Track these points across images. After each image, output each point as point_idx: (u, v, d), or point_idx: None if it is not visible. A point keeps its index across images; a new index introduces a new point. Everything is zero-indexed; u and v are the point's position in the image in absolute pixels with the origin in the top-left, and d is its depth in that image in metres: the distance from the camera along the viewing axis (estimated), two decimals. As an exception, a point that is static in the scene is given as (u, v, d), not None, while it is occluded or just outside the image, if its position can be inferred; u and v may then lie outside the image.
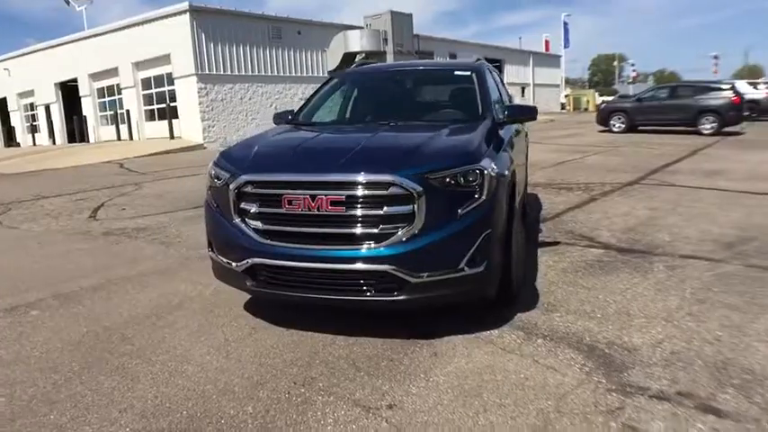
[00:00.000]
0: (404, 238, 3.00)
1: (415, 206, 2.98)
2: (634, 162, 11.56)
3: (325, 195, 3.03)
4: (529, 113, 4.30)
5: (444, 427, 2.47)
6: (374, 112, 4.53)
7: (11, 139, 31.29)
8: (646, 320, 3.56)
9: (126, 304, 4.16)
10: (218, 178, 3.49)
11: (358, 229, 3.04)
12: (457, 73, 4.75)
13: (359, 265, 3.04)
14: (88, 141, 24.56)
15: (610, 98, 30.20)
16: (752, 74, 55.17)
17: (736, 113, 17.02)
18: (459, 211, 3.09)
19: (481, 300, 3.47)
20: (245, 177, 3.26)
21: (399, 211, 3.01)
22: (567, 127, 24.03)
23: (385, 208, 3.00)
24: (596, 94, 48.40)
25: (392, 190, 2.99)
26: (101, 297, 4.36)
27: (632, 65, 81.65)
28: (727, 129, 17.32)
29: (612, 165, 11.26)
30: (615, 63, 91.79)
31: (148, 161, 16.37)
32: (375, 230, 3.02)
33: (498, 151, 3.58)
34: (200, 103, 19.08)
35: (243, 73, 20.38)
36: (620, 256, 4.98)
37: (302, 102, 4.97)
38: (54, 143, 26.99)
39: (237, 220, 3.31)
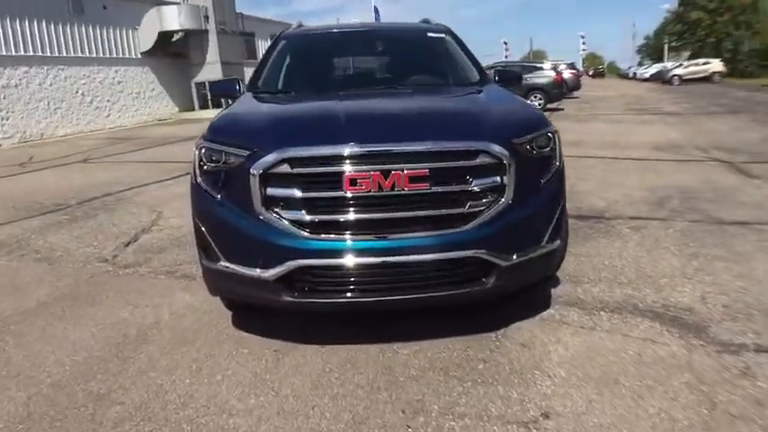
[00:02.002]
0: (493, 215, 2.58)
1: (506, 177, 2.58)
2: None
3: (404, 170, 2.46)
4: (517, 77, 4.13)
5: (628, 426, 2.17)
6: (357, 77, 3.94)
7: None
8: (669, 280, 3.65)
9: (61, 349, 3.03)
10: (223, 160, 2.67)
11: (443, 210, 2.54)
12: (431, 35, 4.35)
13: (444, 254, 2.55)
14: None
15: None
16: (537, 58, 63.67)
17: (559, 91, 19.27)
18: (542, 180, 2.77)
19: (547, 279, 3.21)
20: (277, 155, 2.51)
21: (488, 183, 2.58)
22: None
23: (474, 181, 2.55)
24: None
25: (481, 159, 2.55)
26: (15, 345, 3.12)
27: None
28: (550, 105, 19.52)
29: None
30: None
31: None
32: (462, 209, 2.55)
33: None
34: (-16, 91, 15.56)
35: (40, 53, 17.05)
36: (580, 222, 5.12)
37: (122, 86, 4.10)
38: None
39: (267, 213, 2.55)
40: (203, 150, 2.75)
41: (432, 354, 2.77)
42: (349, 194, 2.49)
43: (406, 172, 2.47)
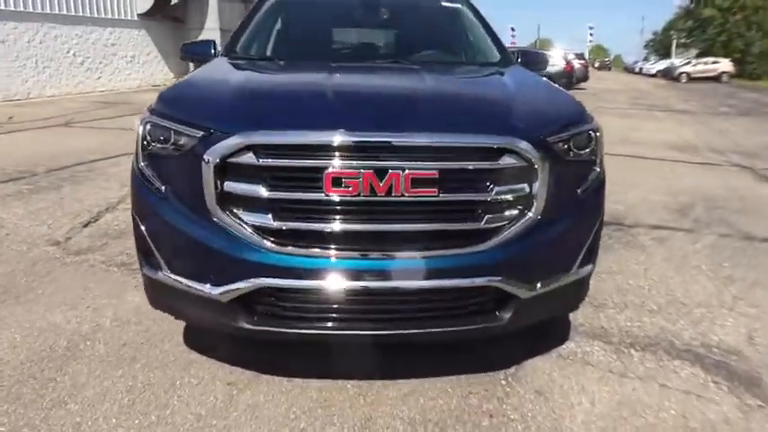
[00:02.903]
0: (517, 233, 1.99)
1: (536, 184, 1.98)
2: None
3: (405, 170, 1.85)
4: (542, 59, 3.49)
5: None
6: (356, 48, 3.29)
7: None
8: (706, 310, 3.09)
9: (-33, 362, 2.44)
10: (172, 141, 2.05)
11: (453, 225, 1.94)
12: (444, 4, 3.69)
13: (452, 281, 1.96)
14: None
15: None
16: (543, 46, 62.35)
17: (568, 81, 18.55)
18: (578, 190, 2.17)
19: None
20: (239, 139, 1.89)
21: (513, 192, 1.98)
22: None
23: (495, 188, 1.94)
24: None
25: (505, 160, 1.94)
26: None
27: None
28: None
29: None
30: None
31: None
32: (478, 225, 1.95)
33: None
34: (-31, 44, 14.69)
35: (30, 9, 16.13)
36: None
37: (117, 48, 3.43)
38: None
39: (222, 215, 1.95)
40: (148, 127, 2.12)
41: (425, 400, 2.19)
42: (331, 198, 1.88)
43: (407, 172, 1.86)
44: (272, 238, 1.93)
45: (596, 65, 67.48)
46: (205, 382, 2.31)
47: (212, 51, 3.26)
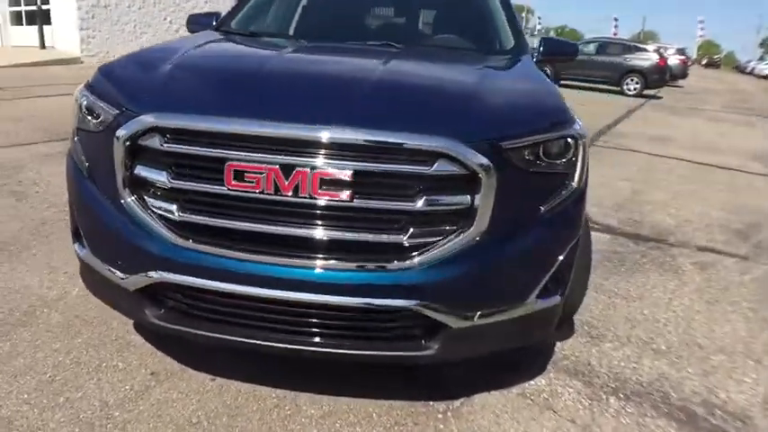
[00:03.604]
0: (450, 252, 1.65)
1: (478, 197, 1.63)
2: (575, 120, 10.81)
3: (314, 169, 1.58)
4: (571, 51, 3.01)
5: None
6: (355, 26, 2.99)
7: None
8: (727, 359, 2.57)
9: (-75, 315, 2.46)
10: (94, 114, 1.89)
11: (369, 235, 1.64)
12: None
13: (365, 299, 1.67)
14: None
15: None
16: (647, 39, 57.71)
17: (660, 77, 16.99)
18: (542, 207, 1.78)
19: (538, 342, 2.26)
20: (146, 120, 1.70)
21: (448, 204, 1.65)
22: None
23: (424, 197, 1.62)
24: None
25: (440, 166, 1.60)
26: None
27: (539, 18, 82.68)
28: (647, 91, 17.30)
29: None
30: (523, 14, 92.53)
31: (10, 74, 13.16)
32: (400, 238, 1.64)
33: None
34: (78, 8, 15.64)
35: (133, -25, 16.97)
36: (632, 245, 3.99)
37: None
38: None
39: (130, 199, 1.76)
40: (78, 101, 1.97)
41: (342, 425, 1.93)
42: (233, 193, 1.64)
43: (316, 171, 1.58)
44: (175, 231, 1.73)
45: (703, 62, 61.83)
46: (131, 368, 2.17)
47: (213, 24, 3.09)
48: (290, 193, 1.60)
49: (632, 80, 16.76)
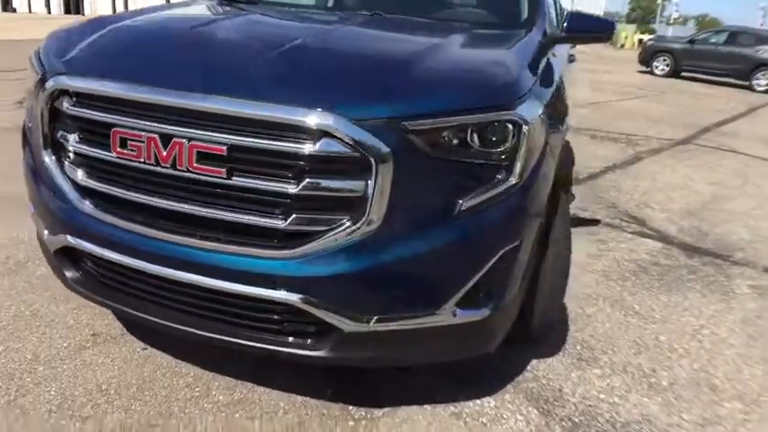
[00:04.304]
0: (339, 244, 1.43)
1: (372, 183, 1.38)
2: (681, 114, 9.64)
3: (190, 139, 1.43)
4: (602, 28, 2.55)
5: None
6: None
7: (7, 4, 28.82)
8: (742, 408, 2.08)
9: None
10: (34, 78, 1.87)
11: (247, 217, 1.47)
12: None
13: (245, 287, 1.50)
14: (83, 14, 22.28)
15: (648, 37, 27.01)
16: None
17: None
18: (462, 202, 1.48)
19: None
20: (60, 80, 1.64)
21: (336, 189, 1.42)
22: (602, 62, 21.45)
23: (307, 180, 1.40)
24: (637, 31, 44.00)
25: (325, 146, 1.37)
26: None
27: (676, 5, 74.89)
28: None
29: (656, 114, 9.35)
30: (659, 1, 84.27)
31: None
32: (280, 223, 1.44)
33: (548, 89, 1.90)
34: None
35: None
36: (684, 258, 3.41)
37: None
38: (49, 12, 24.72)
39: (48, 160, 1.73)
40: (29, 62, 1.96)
41: (241, 416, 1.79)
42: (119, 161, 1.54)
43: (192, 143, 1.43)
44: (80, 196, 1.67)
45: None
46: (79, 327, 2.19)
47: None
48: (168, 165, 1.46)
49: (763, 74, 14.60)
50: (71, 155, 1.68)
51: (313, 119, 1.35)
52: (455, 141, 1.45)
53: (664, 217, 4.12)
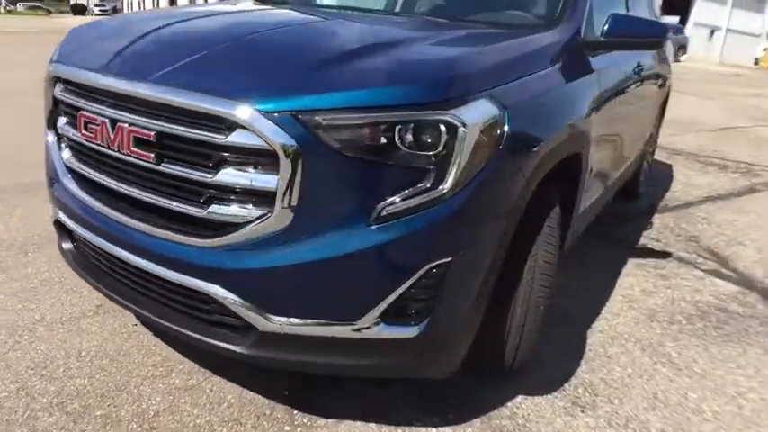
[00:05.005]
0: (254, 239, 1.39)
1: (281, 178, 1.33)
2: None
3: (129, 124, 1.48)
4: (647, 33, 2.23)
5: None
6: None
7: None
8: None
9: None
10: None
11: (174, 203, 1.48)
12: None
13: (172, 273, 1.51)
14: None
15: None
16: None
17: None
18: (380, 207, 1.36)
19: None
20: (54, 67, 1.81)
21: (249, 183, 1.38)
22: (754, 86, 19.01)
23: (222, 171, 1.39)
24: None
25: (238, 137, 1.34)
26: None
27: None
28: None
29: (800, 143, 8.05)
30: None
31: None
32: (202, 211, 1.44)
33: (544, 98, 1.70)
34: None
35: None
36: (762, 307, 2.87)
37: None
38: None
39: (50, 137, 1.91)
40: None
41: (186, 403, 1.81)
42: (83, 142, 1.65)
43: (129, 128, 1.48)
44: (65, 172, 1.81)
45: None
46: (90, 296, 2.37)
47: None
48: (116, 148, 1.53)
49: None
50: (61, 136, 1.82)
51: (223, 108, 1.33)
52: (380, 141, 1.33)
53: (754, 258, 3.51)
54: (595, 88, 2.21)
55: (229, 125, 1.34)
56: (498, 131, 1.44)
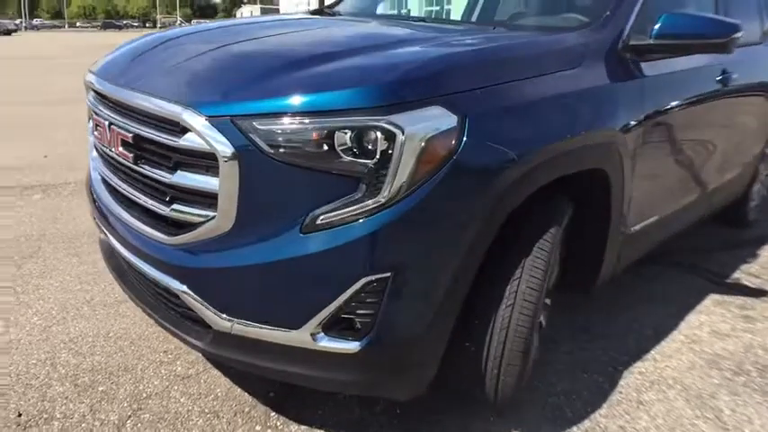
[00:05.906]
0: (206, 239, 1.44)
1: (221, 181, 1.36)
2: None
3: (119, 127, 1.63)
4: (708, 34, 1.92)
5: None
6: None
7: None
8: None
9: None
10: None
11: (148, 201, 1.59)
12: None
13: (148, 267, 1.61)
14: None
15: None
16: None
17: None
18: (312, 215, 1.32)
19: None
20: (87, 77, 2.02)
21: (198, 184, 1.43)
22: None
23: (178, 172, 1.45)
24: None
25: (186, 140, 1.40)
26: None
27: None
28: None
29: None
30: None
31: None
32: (164, 210, 1.52)
33: (537, 107, 1.55)
34: None
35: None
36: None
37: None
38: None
39: (91, 137, 2.13)
40: None
41: (177, 393, 1.90)
42: (94, 141, 1.85)
43: (118, 131, 1.62)
44: (94, 166, 2.01)
45: None
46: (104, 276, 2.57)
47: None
48: (111, 147, 1.67)
49: None
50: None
51: (175, 112, 1.39)
52: (317, 147, 1.29)
53: None
54: (638, 97, 1.96)
55: (182, 129, 1.40)
56: (453, 141, 1.33)
